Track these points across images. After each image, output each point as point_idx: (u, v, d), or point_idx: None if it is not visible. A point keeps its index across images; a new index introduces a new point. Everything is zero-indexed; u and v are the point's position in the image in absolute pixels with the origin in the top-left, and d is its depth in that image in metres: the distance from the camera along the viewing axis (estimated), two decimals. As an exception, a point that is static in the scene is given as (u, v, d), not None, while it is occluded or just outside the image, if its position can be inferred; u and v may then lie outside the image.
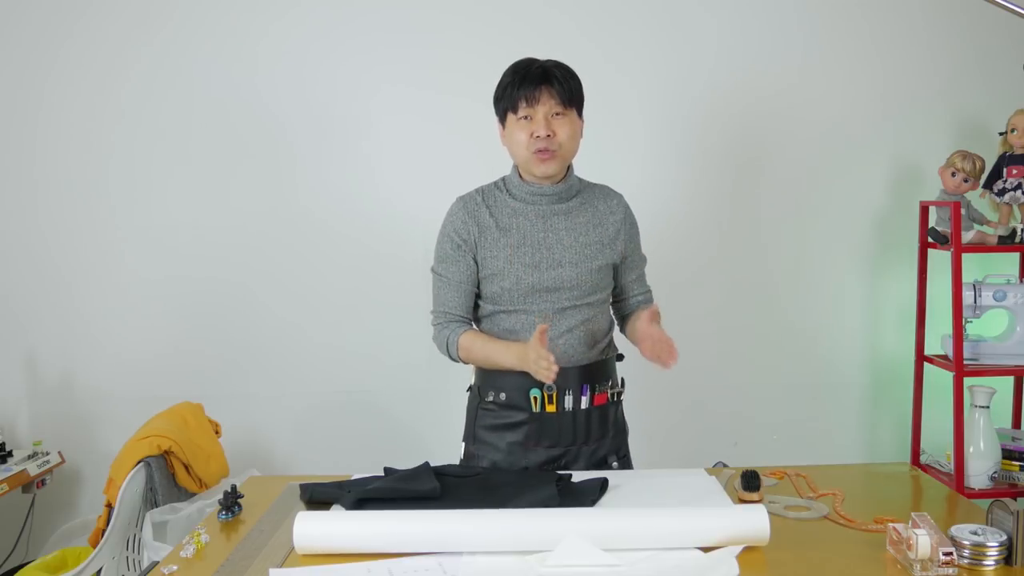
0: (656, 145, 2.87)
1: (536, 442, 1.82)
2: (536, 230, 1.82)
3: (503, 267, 1.81)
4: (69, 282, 2.79)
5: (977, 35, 2.86)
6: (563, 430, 1.82)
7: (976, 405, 2.54)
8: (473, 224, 1.84)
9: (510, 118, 1.80)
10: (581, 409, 1.83)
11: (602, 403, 1.86)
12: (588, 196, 1.89)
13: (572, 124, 1.80)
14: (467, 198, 1.89)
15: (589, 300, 1.83)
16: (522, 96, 1.76)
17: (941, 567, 1.28)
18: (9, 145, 2.82)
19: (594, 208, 1.87)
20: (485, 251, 1.83)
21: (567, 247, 1.82)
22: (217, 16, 2.80)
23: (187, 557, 1.41)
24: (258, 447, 2.87)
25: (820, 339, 2.93)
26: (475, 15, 2.80)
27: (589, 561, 1.31)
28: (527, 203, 1.84)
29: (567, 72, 1.80)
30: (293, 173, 2.80)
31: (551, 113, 1.77)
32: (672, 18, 2.84)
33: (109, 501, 2.22)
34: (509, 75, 1.80)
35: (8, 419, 2.86)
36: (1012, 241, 2.58)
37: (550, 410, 1.81)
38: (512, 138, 1.81)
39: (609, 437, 1.88)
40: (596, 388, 1.85)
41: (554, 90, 1.77)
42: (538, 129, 1.76)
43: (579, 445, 1.84)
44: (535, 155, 1.78)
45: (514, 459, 1.83)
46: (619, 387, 1.92)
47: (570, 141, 1.80)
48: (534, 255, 1.81)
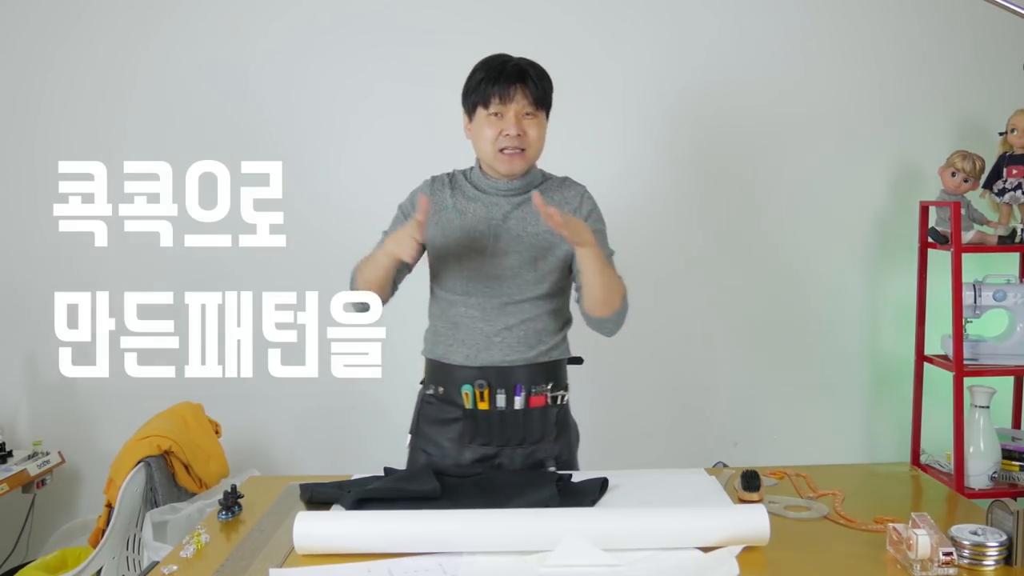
0: (656, 144, 2.87)
1: (470, 439, 1.82)
2: (489, 217, 1.83)
3: (451, 246, 1.82)
4: (69, 282, 2.79)
5: (977, 35, 2.86)
6: (495, 429, 1.81)
7: (976, 405, 2.54)
8: (431, 202, 1.85)
9: (479, 112, 1.80)
10: (515, 409, 1.80)
11: (539, 405, 1.82)
12: (545, 188, 1.86)
13: (541, 125, 1.81)
14: (437, 177, 1.93)
15: (531, 296, 1.81)
16: (496, 92, 1.76)
17: (941, 567, 1.28)
18: (9, 145, 2.83)
19: (549, 199, 1.82)
20: (438, 228, 1.84)
21: (514, 237, 1.81)
22: (216, 16, 2.80)
23: (187, 557, 1.41)
24: (258, 447, 2.87)
25: (820, 339, 2.93)
26: (476, 14, 2.80)
27: (589, 561, 1.31)
28: (486, 193, 1.86)
29: (541, 73, 1.81)
30: (295, 170, 2.80)
31: (522, 113, 1.78)
32: (671, 15, 2.84)
33: (109, 501, 2.22)
34: (483, 70, 1.80)
35: (8, 419, 2.85)
36: (1012, 241, 2.58)
37: (482, 407, 1.80)
38: (479, 133, 1.81)
39: (548, 441, 1.83)
40: (532, 390, 1.81)
41: (528, 90, 1.77)
42: (508, 128, 1.76)
43: (513, 446, 1.81)
44: (502, 153, 1.78)
45: (451, 455, 1.83)
46: (562, 391, 1.86)
47: (538, 142, 1.81)
48: (481, 240, 1.81)
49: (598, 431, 2.90)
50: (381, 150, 2.84)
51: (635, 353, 2.90)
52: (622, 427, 2.91)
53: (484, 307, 1.82)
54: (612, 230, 1.94)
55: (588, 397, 2.87)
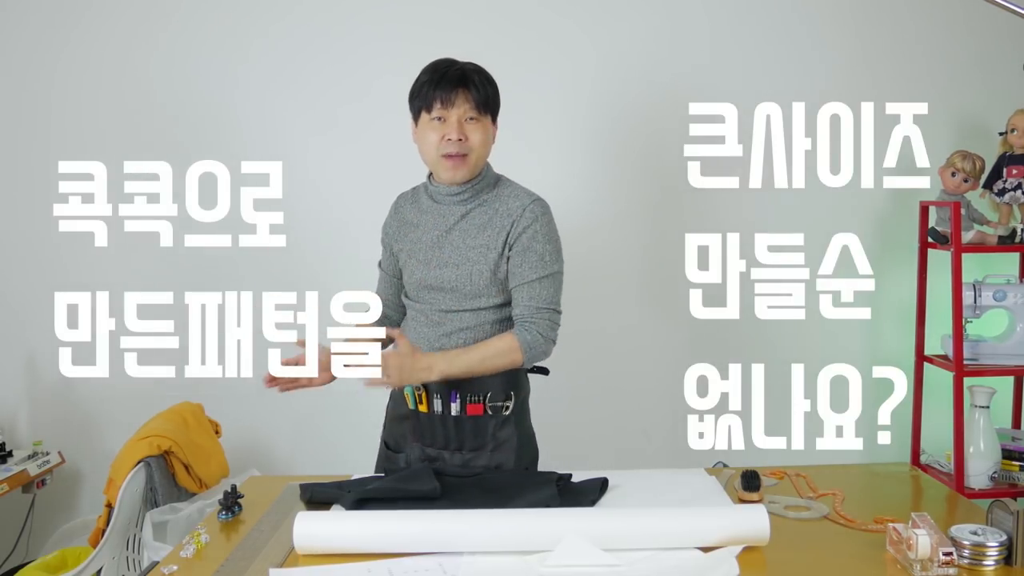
0: (658, 142, 2.86)
1: (416, 438, 1.85)
2: (436, 228, 1.85)
3: (405, 260, 1.90)
4: (69, 282, 2.79)
5: (977, 35, 2.85)
6: (435, 432, 1.83)
7: (976, 405, 2.54)
8: (395, 220, 1.96)
9: (423, 117, 1.80)
10: (451, 415, 1.81)
11: (476, 413, 1.81)
12: (492, 198, 1.84)
13: (485, 130, 1.81)
14: (402, 194, 2.00)
15: (473, 306, 1.81)
16: (437, 96, 1.77)
17: (941, 567, 1.28)
18: (9, 145, 2.83)
19: (493, 210, 1.82)
20: (398, 244, 1.93)
21: (455, 248, 1.82)
22: (216, 16, 2.80)
23: (187, 557, 1.41)
24: (258, 447, 2.87)
25: (820, 338, 2.92)
26: (476, 14, 2.80)
27: (589, 561, 1.31)
28: (437, 202, 1.87)
29: (485, 77, 1.81)
30: (295, 170, 2.80)
31: (465, 117, 1.78)
32: (669, 13, 2.84)
33: (109, 501, 2.22)
34: (427, 74, 1.81)
35: (8, 419, 2.85)
36: (1012, 241, 2.58)
37: (422, 409, 1.83)
38: (423, 138, 1.81)
39: (487, 451, 1.81)
40: (469, 398, 1.80)
41: (470, 94, 1.77)
42: (450, 132, 1.76)
43: (452, 451, 1.82)
44: (444, 158, 1.79)
45: (404, 451, 1.88)
46: (503, 402, 1.82)
47: (481, 147, 1.80)
48: (427, 253, 1.84)
49: (598, 431, 2.91)
50: (381, 150, 2.84)
51: (635, 352, 2.90)
52: (622, 427, 2.91)
53: (428, 313, 1.85)
54: (600, 233, 1.94)
55: (589, 397, 2.90)
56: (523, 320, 1.79)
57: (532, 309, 1.80)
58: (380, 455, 1.99)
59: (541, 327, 1.79)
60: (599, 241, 2.84)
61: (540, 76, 2.81)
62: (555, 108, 2.84)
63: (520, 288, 1.80)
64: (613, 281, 2.89)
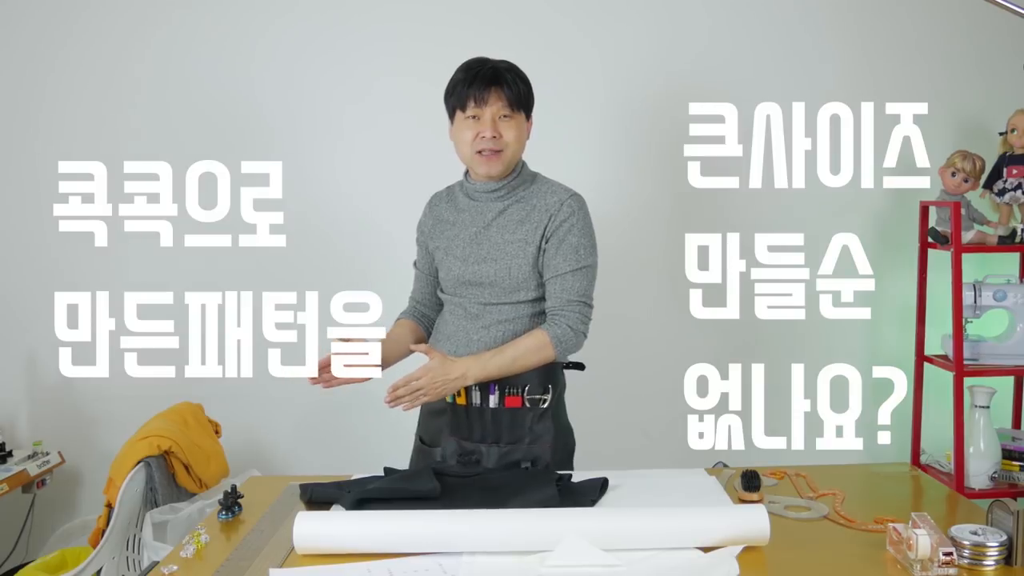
0: (658, 142, 2.86)
1: (453, 432, 1.86)
2: (473, 225, 1.89)
3: (442, 258, 1.92)
4: (69, 282, 2.79)
5: (977, 35, 2.85)
6: (474, 424, 1.84)
7: (976, 405, 2.54)
8: (430, 218, 1.98)
9: (458, 116, 1.85)
10: (489, 407, 1.83)
11: (515, 405, 1.83)
12: (529, 194, 1.89)
13: (519, 127, 1.85)
14: (436, 193, 2.02)
15: (512, 299, 1.85)
16: (471, 95, 1.81)
17: (941, 567, 1.28)
18: (9, 145, 2.83)
19: (531, 206, 1.87)
20: (435, 242, 1.95)
21: (494, 244, 1.85)
22: (216, 16, 2.80)
23: (187, 557, 1.41)
24: (258, 447, 2.87)
25: (820, 338, 2.92)
26: (476, 13, 2.80)
27: (589, 561, 1.31)
28: (474, 200, 1.91)
29: (517, 74, 1.86)
30: (295, 170, 2.79)
31: (499, 115, 1.82)
32: (669, 13, 2.85)
33: (109, 501, 2.22)
34: (461, 73, 1.85)
35: (8, 419, 2.85)
36: (1012, 241, 2.58)
37: (460, 402, 1.84)
38: (459, 136, 1.86)
39: (525, 443, 1.83)
40: (508, 390, 1.82)
41: (503, 92, 1.81)
42: (484, 130, 1.81)
43: (488, 444, 1.83)
44: (479, 155, 1.83)
45: (439, 445, 1.89)
46: (542, 395, 1.84)
47: (515, 143, 1.85)
48: (464, 249, 1.88)
49: (598, 431, 2.91)
50: (381, 149, 2.85)
51: (635, 352, 2.90)
52: (622, 427, 2.91)
53: (466, 307, 1.88)
54: (601, 233, 1.95)
55: (589, 397, 2.89)
56: (554, 312, 1.83)
57: (563, 301, 1.83)
58: (415, 450, 2.01)
59: (571, 320, 1.82)
60: (599, 241, 2.83)
61: (540, 76, 2.77)
62: (555, 108, 2.82)
63: (553, 280, 1.84)
64: (613, 281, 2.88)
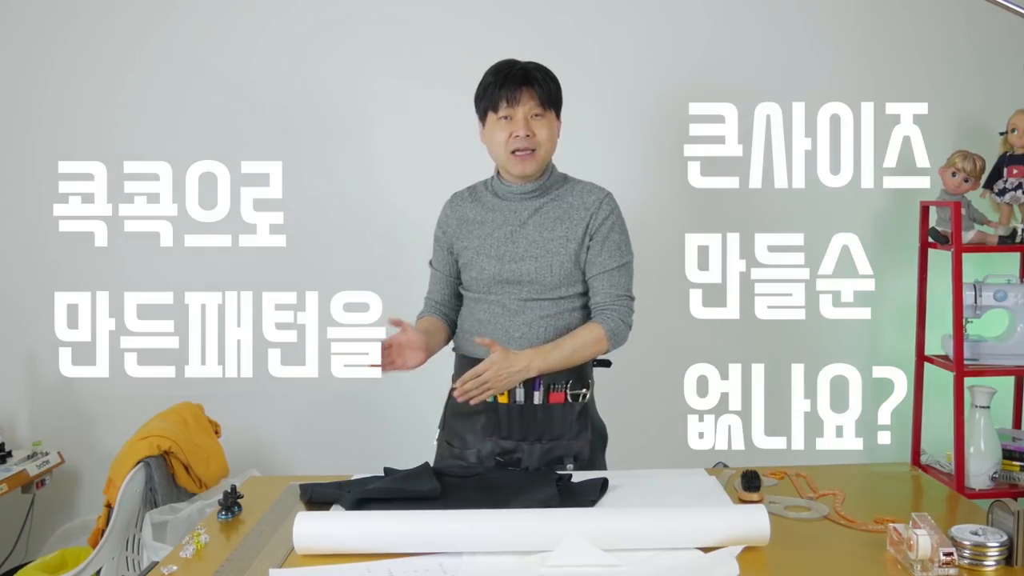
0: (657, 142, 2.86)
1: (490, 432, 1.86)
2: (507, 224, 1.89)
3: (472, 258, 1.90)
4: (69, 282, 2.79)
5: (977, 35, 2.85)
6: (514, 423, 1.84)
7: (976, 405, 2.54)
8: (453, 218, 1.96)
9: (490, 117, 1.86)
10: (534, 404, 1.84)
11: (558, 402, 1.85)
12: (564, 192, 1.91)
13: (550, 125, 1.87)
14: (457, 193, 2.01)
15: (552, 296, 1.86)
16: (503, 96, 1.83)
17: (941, 567, 1.28)
18: (9, 145, 2.83)
19: (567, 204, 1.89)
20: (460, 242, 1.93)
21: (532, 242, 1.86)
22: (216, 16, 2.80)
23: (187, 557, 1.41)
24: (258, 447, 2.87)
25: (820, 338, 2.92)
26: (476, 13, 2.80)
27: (589, 561, 1.31)
28: (504, 199, 1.92)
29: (547, 74, 1.88)
30: (295, 170, 2.80)
31: (531, 114, 1.84)
32: (670, 13, 2.84)
33: (109, 501, 2.22)
34: (491, 75, 1.87)
35: (8, 419, 2.85)
36: (1012, 241, 2.58)
37: (502, 401, 1.84)
38: (492, 137, 1.87)
39: (566, 439, 1.86)
40: (553, 386, 1.84)
41: (534, 91, 1.84)
42: (517, 129, 1.82)
43: (531, 441, 1.85)
44: (513, 155, 1.84)
45: (474, 448, 1.87)
46: (583, 389, 1.89)
47: (548, 141, 1.87)
48: (499, 248, 1.88)
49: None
50: (381, 149, 2.85)
51: (635, 352, 2.89)
52: (622, 427, 2.90)
53: (505, 304, 1.87)
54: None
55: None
56: (603, 307, 1.86)
57: (613, 296, 1.87)
58: (439, 457, 1.95)
59: (621, 313, 1.86)
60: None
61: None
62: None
63: (600, 277, 1.87)
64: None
